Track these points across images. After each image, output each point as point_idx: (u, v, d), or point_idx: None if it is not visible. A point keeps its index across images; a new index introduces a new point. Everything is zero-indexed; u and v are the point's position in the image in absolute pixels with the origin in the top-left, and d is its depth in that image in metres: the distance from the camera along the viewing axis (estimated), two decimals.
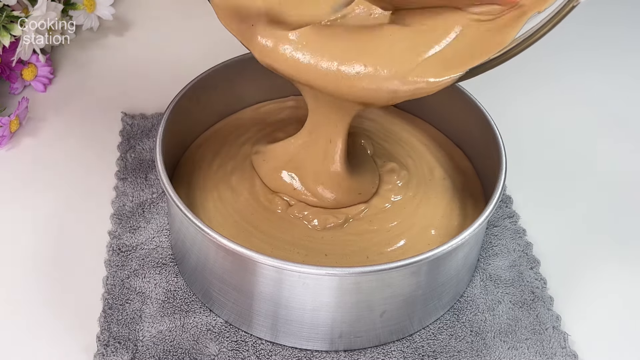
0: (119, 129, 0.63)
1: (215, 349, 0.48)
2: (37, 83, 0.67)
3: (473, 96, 0.56)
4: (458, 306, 0.52)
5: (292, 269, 0.44)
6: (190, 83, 0.56)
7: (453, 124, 0.59)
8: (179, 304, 0.50)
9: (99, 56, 0.72)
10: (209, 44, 0.73)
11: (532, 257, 0.55)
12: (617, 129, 0.68)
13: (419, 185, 0.55)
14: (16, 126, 0.62)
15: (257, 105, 0.62)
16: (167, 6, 0.80)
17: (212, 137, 0.59)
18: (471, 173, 0.57)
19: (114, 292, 0.51)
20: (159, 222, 0.55)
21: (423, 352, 0.49)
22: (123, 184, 0.58)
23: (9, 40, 0.62)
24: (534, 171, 0.63)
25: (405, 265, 0.45)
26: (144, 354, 0.47)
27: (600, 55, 0.78)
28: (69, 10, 0.70)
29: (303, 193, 0.52)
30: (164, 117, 0.53)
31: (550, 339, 0.50)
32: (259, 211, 0.53)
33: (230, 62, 0.58)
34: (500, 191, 0.49)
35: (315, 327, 0.47)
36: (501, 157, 0.52)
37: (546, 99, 0.71)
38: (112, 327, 0.49)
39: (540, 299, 0.52)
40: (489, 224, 0.57)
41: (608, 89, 0.73)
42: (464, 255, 0.49)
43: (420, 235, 0.52)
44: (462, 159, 0.58)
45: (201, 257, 0.48)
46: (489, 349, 0.49)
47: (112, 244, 0.54)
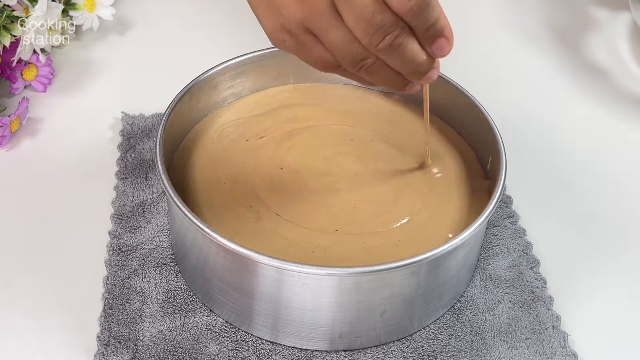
0: (119, 129, 0.63)
1: (215, 349, 0.48)
2: (37, 83, 0.67)
3: (473, 96, 0.56)
4: (458, 306, 0.52)
5: (292, 269, 0.44)
6: (190, 83, 0.56)
7: (453, 124, 0.59)
8: (179, 303, 0.50)
9: (99, 56, 0.72)
10: (209, 44, 0.73)
11: (532, 257, 0.55)
12: (617, 128, 0.68)
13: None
14: (16, 126, 0.62)
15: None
16: (167, 6, 0.80)
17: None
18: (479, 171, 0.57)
19: (114, 291, 0.51)
20: (159, 222, 0.55)
21: (423, 352, 0.49)
22: (123, 184, 0.58)
23: (9, 40, 0.62)
24: (534, 171, 0.63)
25: (405, 265, 0.45)
26: (144, 353, 0.47)
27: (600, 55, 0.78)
28: (69, 10, 0.70)
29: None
30: (164, 117, 0.53)
31: (550, 339, 0.50)
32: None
33: (230, 63, 0.58)
34: (500, 191, 0.49)
35: (315, 327, 0.47)
36: (501, 157, 0.52)
37: (546, 99, 0.71)
38: (113, 326, 0.49)
39: (540, 299, 0.52)
40: (489, 224, 0.57)
41: (608, 89, 0.73)
42: (464, 255, 0.49)
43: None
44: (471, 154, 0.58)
45: (201, 257, 0.48)
46: (489, 349, 0.49)
47: (113, 244, 0.54)
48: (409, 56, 0.43)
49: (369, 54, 0.43)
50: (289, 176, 0.55)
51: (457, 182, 0.55)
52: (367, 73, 0.44)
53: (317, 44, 0.43)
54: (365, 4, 0.40)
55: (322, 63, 0.45)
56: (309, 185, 0.54)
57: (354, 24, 0.41)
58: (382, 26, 0.41)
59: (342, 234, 0.51)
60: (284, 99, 0.61)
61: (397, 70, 0.44)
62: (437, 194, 0.54)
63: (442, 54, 0.44)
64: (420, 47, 0.43)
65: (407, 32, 0.42)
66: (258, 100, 0.60)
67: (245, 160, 0.56)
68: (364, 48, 0.42)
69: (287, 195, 0.53)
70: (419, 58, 0.43)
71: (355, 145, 0.57)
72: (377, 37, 0.41)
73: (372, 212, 0.53)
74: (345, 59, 0.43)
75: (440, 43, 0.43)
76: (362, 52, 0.43)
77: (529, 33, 0.79)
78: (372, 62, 0.43)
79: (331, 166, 0.55)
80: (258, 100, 0.60)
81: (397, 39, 0.42)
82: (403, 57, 0.43)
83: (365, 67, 0.44)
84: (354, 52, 0.43)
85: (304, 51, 0.44)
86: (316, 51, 0.44)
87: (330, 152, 0.57)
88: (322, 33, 0.42)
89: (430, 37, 0.43)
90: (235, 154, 0.56)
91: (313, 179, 0.54)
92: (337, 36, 0.42)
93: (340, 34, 0.42)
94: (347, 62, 0.43)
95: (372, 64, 0.43)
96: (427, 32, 0.42)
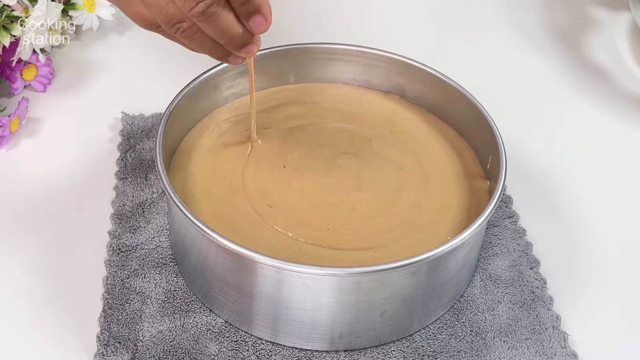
0: (119, 129, 0.63)
1: (215, 349, 0.48)
2: (37, 83, 0.67)
3: (473, 96, 0.56)
4: (458, 306, 0.52)
5: (292, 269, 0.44)
6: (191, 83, 0.56)
7: (453, 124, 0.59)
8: (179, 304, 0.50)
9: (99, 56, 0.72)
10: None
11: (532, 257, 0.55)
12: (617, 128, 0.68)
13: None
14: (16, 126, 0.62)
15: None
16: None
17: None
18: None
19: (114, 292, 0.51)
20: (159, 222, 0.55)
21: (423, 352, 0.49)
22: (123, 184, 0.58)
23: (9, 40, 0.62)
24: (534, 171, 0.63)
25: (405, 265, 0.45)
26: (144, 353, 0.47)
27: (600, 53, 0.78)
28: (69, 10, 0.70)
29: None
30: (164, 117, 0.53)
31: (550, 339, 0.50)
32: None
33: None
34: (500, 191, 0.49)
35: (315, 327, 0.47)
36: (501, 157, 0.52)
37: (546, 99, 0.71)
38: (112, 327, 0.49)
39: (540, 299, 0.52)
40: (489, 224, 0.57)
41: (608, 89, 0.73)
42: (464, 255, 0.49)
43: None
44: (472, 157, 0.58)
45: (201, 257, 0.48)
46: (489, 349, 0.49)
47: (112, 244, 0.54)
48: (224, 27, 0.44)
49: (185, 17, 0.43)
50: (290, 175, 0.55)
51: (457, 183, 0.55)
52: (184, 37, 0.45)
53: (139, 2, 0.44)
54: None
55: (142, 19, 0.45)
56: (310, 184, 0.54)
57: None
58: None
59: (341, 233, 0.51)
60: (284, 98, 0.61)
61: (214, 39, 0.45)
62: (437, 194, 0.54)
63: (259, 30, 0.45)
64: (237, 20, 0.44)
65: (223, 2, 0.43)
66: (258, 99, 0.60)
67: (245, 160, 0.56)
68: (180, 11, 0.43)
69: (287, 195, 0.53)
70: (235, 30, 0.44)
71: (355, 144, 0.57)
72: (191, 2, 0.42)
73: (371, 212, 0.52)
74: (161, 18, 0.44)
75: (257, 20, 0.44)
76: (178, 14, 0.43)
77: (529, 33, 0.79)
78: (187, 26, 0.44)
79: (332, 166, 0.55)
80: (258, 100, 0.60)
81: (211, 8, 0.42)
82: (218, 27, 0.44)
83: (182, 30, 0.44)
84: (169, 13, 0.43)
85: (125, 4, 0.45)
86: (137, 8, 0.45)
87: (331, 152, 0.57)
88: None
89: (247, 12, 0.44)
90: (236, 153, 0.56)
91: (314, 178, 0.54)
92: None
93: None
94: (164, 22, 0.44)
95: (188, 28, 0.44)
96: (242, 7, 0.43)
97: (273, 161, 0.56)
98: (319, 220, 0.52)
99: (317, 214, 0.52)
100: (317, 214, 0.52)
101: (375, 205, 0.53)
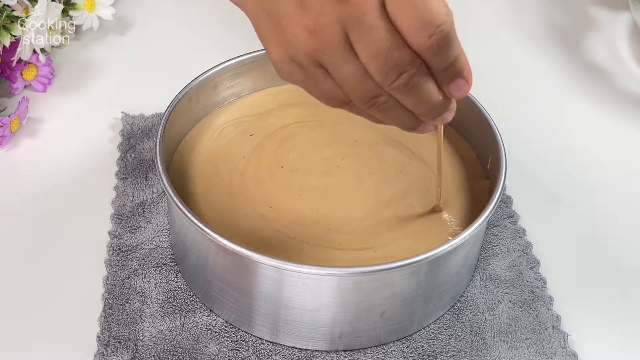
0: (119, 129, 0.63)
1: (215, 349, 0.48)
2: (37, 83, 0.67)
3: (473, 96, 0.56)
4: (458, 306, 0.52)
5: (292, 269, 0.44)
6: (191, 83, 0.56)
7: (453, 124, 0.59)
8: (179, 303, 0.50)
9: (99, 56, 0.72)
10: (209, 44, 0.73)
11: (532, 257, 0.55)
12: (617, 128, 0.68)
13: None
14: (16, 126, 0.62)
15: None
16: (167, 7, 0.80)
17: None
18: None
19: (114, 292, 0.51)
20: (159, 222, 0.55)
21: (423, 352, 0.49)
22: (123, 184, 0.58)
23: (9, 40, 0.62)
24: (534, 171, 0.63)
25: (405, 265, 0.45)
26: (144, 353, 0.48)
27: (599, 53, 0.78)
28: (69, 10, 0.70)
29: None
30: (164, 117, 0.53)
31: (550, 339, 0.50)
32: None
33: (230, 63, 0.58)
34: (500, 191, 0.49)
35: (315, 327, 0.47)
36: (501, 157, 0.52)
37: (546, 99, 0.71)
38: (113, 326, 0.49)
39: (540, 299, 0.52)
40: (489, 224, 0.57)
41: (608, 89, 0.73)
42: (464, 255, 0.49)
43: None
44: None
45: (201, 257, 0.48)
46: (489, 349, 0.49)
47: (112, 244, 0.54)
48: (424, 96, 0.40)
49: (382, 91, 0.40)
50: (289, 175, 0.55)
51: (457, 183, 0.55)
52: (379, 111, 0.41)
53: (327, 78, 0.40)
54: (382, 38, 0.37)
55: (332, 98, 0.42)
56: (309, 184, 0.54)
57: (368, 60, 0.38)
58: (398, 63, 0.38)
59: (341, 233, 0.51)
60: (285, 99, 0.61)
61: (410, 109, 0.41)
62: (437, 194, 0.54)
63: (459, 95, 0.41)
64: (437, 86, 0.40)
65: (424, 70, 0.39)
66: (258, 100, 0.60)
67: (245, 160, 0.56)
68: (377, 85, 0.40)
69: (287, 195, 0.53)
70: (435, 99, 0.40)
71: (359, 146, 0.57)
72: (392, 75, 0.38)
73: (371, 212, 0.53)
74: (356, 95, 0.40)
75: (458, 83, 0.40)
76: (375, 89, 0.40)
77: (529, 33, 0.79)
78: (384, 100, 0.40)
79: (332, 166, 0.55)
80: (258, 100, 0.60)
81: (414, 78, 0.39)
82: (418, 97, 0.40)
83: (377, 105, 0.41)
84: (366, 89, 0.40)
85: (312, 85, 0.41)
86: (326, 85, 0.41)
87: (331, 153, 0.57)
88: (334, 67, 0.39)
89: (449, 76, 0.40)
90: (236, 153, 0.56)
91: (313, 178, 0.54)
92: (349, 71, 0.39)
93: (353, 69, 0.39)
94: (358, 98, 0.41)
95: (384, 102, 0.41)
96: (445, 72, 0.40)
97: (273, 162, 0.56)
98: (319, 220, 0.52)
99: (317, 214, 0.52)
100: (317, 214, 0.52)
101: (375, 205, 0.53)
